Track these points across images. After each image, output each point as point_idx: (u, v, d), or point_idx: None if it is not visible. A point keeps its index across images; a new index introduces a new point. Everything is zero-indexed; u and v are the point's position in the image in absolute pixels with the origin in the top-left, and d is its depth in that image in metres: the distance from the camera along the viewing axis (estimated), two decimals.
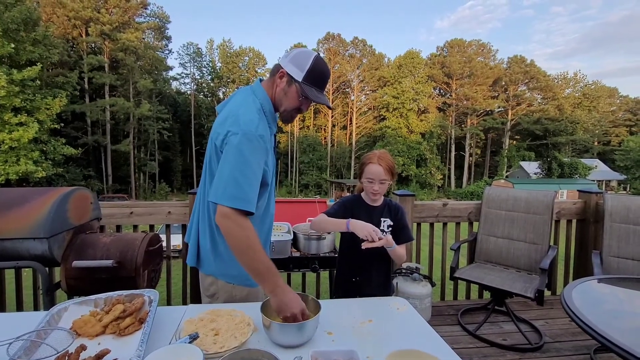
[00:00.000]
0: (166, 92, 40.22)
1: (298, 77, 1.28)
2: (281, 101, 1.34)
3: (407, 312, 1.35)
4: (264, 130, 1.24)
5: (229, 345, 1.04)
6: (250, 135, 1.19)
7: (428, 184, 42.10)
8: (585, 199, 3.22)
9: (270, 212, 1.45)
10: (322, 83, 1.32)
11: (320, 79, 1.31)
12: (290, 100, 1.32)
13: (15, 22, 19.89)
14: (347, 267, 1.81)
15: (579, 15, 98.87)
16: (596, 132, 48.63)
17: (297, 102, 1.32)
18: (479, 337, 2.50)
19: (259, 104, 1.31)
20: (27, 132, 19.66)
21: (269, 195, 1.40)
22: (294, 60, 1.29)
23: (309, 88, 1.29)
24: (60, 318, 1.17)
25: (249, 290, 1.41)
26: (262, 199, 1.34)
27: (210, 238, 1.35)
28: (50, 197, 1.87)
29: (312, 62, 1.28)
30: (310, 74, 1.28)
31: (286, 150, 45.96)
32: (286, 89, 1.31)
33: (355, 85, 47.24)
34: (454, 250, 2.85)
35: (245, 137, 1.18)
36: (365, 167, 1.70)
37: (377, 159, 1.66)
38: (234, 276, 1.37)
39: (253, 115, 1.25)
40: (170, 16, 40.19)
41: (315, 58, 1.29)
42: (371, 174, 1.67)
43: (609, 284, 2.10)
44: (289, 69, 1.29)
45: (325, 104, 1.33)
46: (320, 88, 1.32)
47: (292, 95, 1.31)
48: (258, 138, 1.21)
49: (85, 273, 1.84)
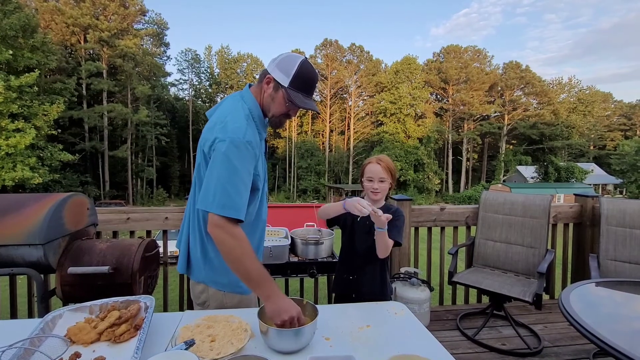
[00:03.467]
0: (164, 98, 40.22)
1: (284, 82, 1.26)
2: (269, 107, 1.33)
3: (405, 317, 1.34)
4: (252, 136, 1.24)
5: (225, 352, 1.04)
6: (238, 142, 1.19)
7: (426, 189, 42.15)
8: (582, 202, 3.24)
9: (262, 218, 1.45)
10: (308, 88, 1.31)
11: (307, 84, 1.29)
12: (277, 106, 1.31)
13: (13, 28, 19.92)
14: (343, 266, 1.84)
15: (571, 22, 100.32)
16: (592, 136, 49.06)
17: (285, 108, 1.31)
18: (477, 342, 2.49)
19: (247, 109, 1.31)
20: (24, 139, 19.58)
21: (260, 200, 1.40)
22: (280, 65, 1.28)
23: (295, 94, 1.27)
24: (54, 325, 1.15)
25: (241, 298, 1.40)
26: (252, 204, 1.34)
27: (201, 245, 1.35)
28: (46, 203, 1.86)
29: (298, 67, 1.26)
30: (296, 80, 1.26)
31: (284, 155, 45.99)
32: (273, 94, 1.30)
33: (353, 90, 47.45)
34: (452, 254, 2.84)
35: (232, 144, 1.18)
36: (365, 168, 1.77)
37: (377, 160, 1.74)
38: (224, 284, 1.35)
39: (241, 121, 1.24)
40: (169, 23, 40.61)
41: (301, 63, 1.27)
42: (370, 173, 1.73)
43: (606, 287, 2.10)
44: (275, 75, 1.28)
45: (312, 109, 1.32)
46: (307, 93, 1.31)
47: (279, 101, 1.30)
48: (246, 145, 1.20)
49: (81, 280, 1.82)
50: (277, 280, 2.63)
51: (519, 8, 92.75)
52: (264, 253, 2.25)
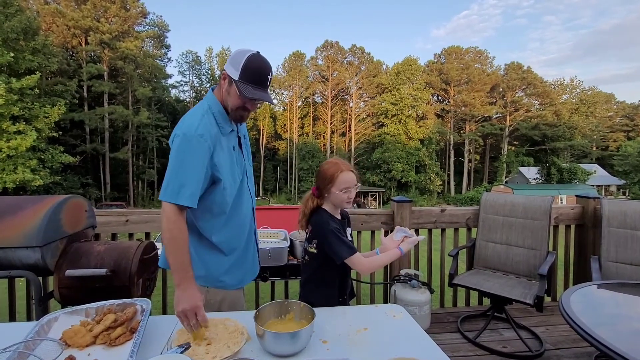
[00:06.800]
0: (165, 100, 40.34)
1: (235, 76, 1.32)
2: (227, 102, 1.39)
3: (404, 319, 1.33)
4: (205, 129, 1.31)
5: (221, 355, 1.03)
6: (189, 136, 1.28)
7: (427, 190, 42.10)
8: (583, 204, 3.22)
9: (241, 212, 1.48)
10: (258, 79, 1.33)
11: (256, 75, 1.32)
12: (233, 100, 1.37)
13: (15, 31, 20.04)
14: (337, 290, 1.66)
15: (571, 24, 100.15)
16: (594, 137, 48.88)
17: (240, 101, 1.36)
18: (478, 344, 2.47)
19: (206, 105, 1.39)
20: (25, 141, 19.64)
21: (237, 194, 1.44)
22: (231, 60, 1.34)
23: (245, 86, 1.31)
24: (50, 328, 1.15)
25: (224, 294, 1.45)
26: (217, 194, 1.37)
27: None
28: (44, 205, 1.85)
29: (246, 60, 1.30)
30: (244, 72, 1.31)
31: (285, 157, 46.02)
32: (228, 89, 1.36)
33: (354, 92, 47.49)
34: (452, 256, 2.83)
35: (184, 138, 1.28)
36: (337, 178, 1.55)
37: (346, 167, 1.58)
38: (201, 277, 1.39)
39: (195, 117, 1.33)
40: (170, 25, 40.58)
41: (249, 56, 1.31)
42: (346, 183, 1.56)
43: (607, 289, 2.09)
44: (228, 70, 1.34)
45: (262, 99, 1.35)
46: (258, 84, 1.33)
47: (234, 94, 1.35)
48: (197, 137, 1.28)
49: (79, 282, 1.81)
50: (275, 282, 2.62)
51: (519, 10, 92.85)
52: (262, 255, 2.24)
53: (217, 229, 1.41)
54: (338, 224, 1.60)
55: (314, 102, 49.49)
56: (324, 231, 1.54)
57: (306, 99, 48.77)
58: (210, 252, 1.42)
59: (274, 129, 48.54)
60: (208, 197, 1.36)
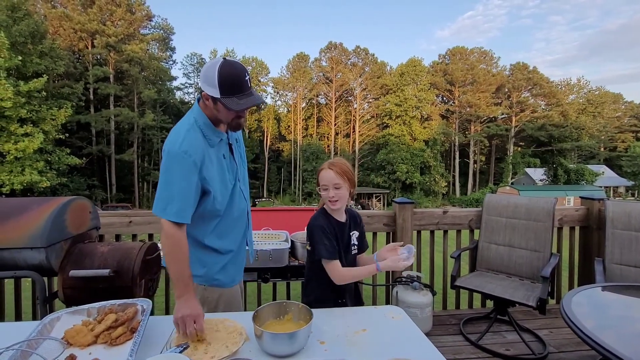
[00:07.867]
0: (170, 102, 40.60)
1: (216, 94, 1.28)
2: (219, 118, 1.38)
3: (402, 321, 1.33)
4: (189, 145, 1.30)
5: (219, 355, 1.04)
6: (172, 153, 1.29)
7: (432, 192, 41.91)
8: (588, 205, 3.19)
9: (234, 216, 1.50)
10: (238, 87, 1.30)
11: (235, 85, 1.29)
12: (224, 115, 1.36)
13: (22, 35, 20.36)
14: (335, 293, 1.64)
15: (577, 23, 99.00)
16: (602, 138, 48.31)
17: (231, 114, 1.35)
18: (481, 347, 2.45)
19: (192, 119, 1.37)
20: (32, 143, 19.92)
21: (230, 199, 1.46)
22: (205, 79, 1.30)
23: (229, 99, 1.28)
24: (52, 328, 1.17)
25: (221, 292, 1.49)
26: (207, 204, 1.38)
27: None
28: (48, 206, 1.88)
29: (218, 74, 1.26)
30: (222, 87, 1.27)
31: (289, 158, 46.10)
32: (216, 107, 1.34)
33: (358, 93, 47.48)
34: (455, 258, 2.82)
35: (168, 155, 1.29)
36: (318, 176, 1.56)
37: (329, 165, 1.55)
38: (198, 276, 1.43)
39: (179, 133, 1.33)
40: (175, 27, 40.97)
41: (219, 68, 1.27)
42: (324, 180, 1.53)
43: (611, 291, 2.07)
44: (206, 90, 1.31)
45: (251, 105, 1.32)
46: (240, 92, 1.30)
47: (223, 110, 1.33)
48: (181, 154, 1.28)
49: (83, 283, 1.83)
50: (277, 283, 2.63)
51: (524, 10, 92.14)
52: (263, 256, 2.26)
53: (210, 232, 1.44)
54: (333, 225, 1.57)
55: (318, 103, 49.56)
56: (310, 227, 1.57)
57: (310, 100, 48.87)
58: (207, 252, 1.45)
59: (278, 130, 48.68)
60: (199, 206, 1.37)
